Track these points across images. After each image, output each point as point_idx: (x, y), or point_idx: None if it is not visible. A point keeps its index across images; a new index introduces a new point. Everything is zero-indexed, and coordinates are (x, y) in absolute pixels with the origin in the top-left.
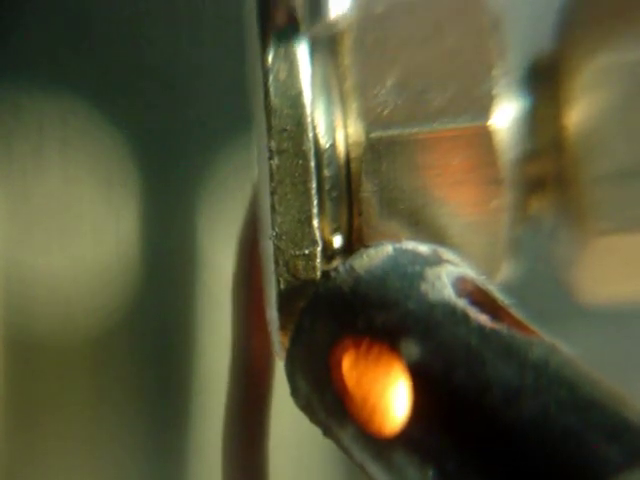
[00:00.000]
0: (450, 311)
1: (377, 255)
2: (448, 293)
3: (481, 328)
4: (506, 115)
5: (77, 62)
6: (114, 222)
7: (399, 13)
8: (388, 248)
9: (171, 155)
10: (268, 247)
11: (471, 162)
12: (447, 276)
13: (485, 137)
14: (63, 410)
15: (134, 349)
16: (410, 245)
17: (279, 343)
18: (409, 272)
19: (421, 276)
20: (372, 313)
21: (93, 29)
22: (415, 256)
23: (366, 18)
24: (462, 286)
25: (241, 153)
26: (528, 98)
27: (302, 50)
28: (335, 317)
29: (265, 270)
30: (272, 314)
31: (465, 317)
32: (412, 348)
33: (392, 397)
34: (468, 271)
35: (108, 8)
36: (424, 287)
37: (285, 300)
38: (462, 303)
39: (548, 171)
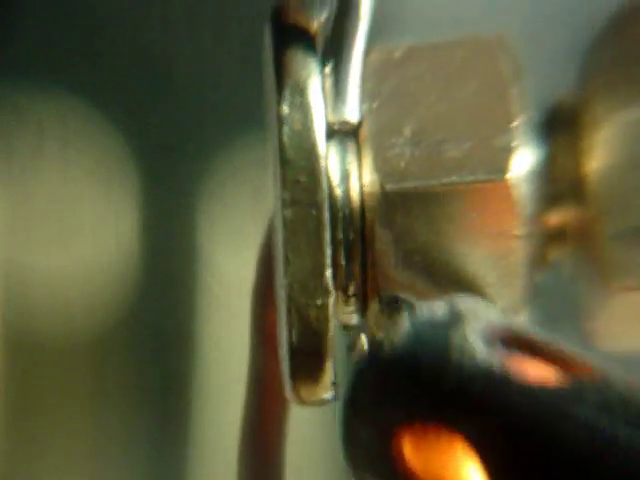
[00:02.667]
0: (489, 376)
1: (396, 336)
2: (480, 354)
3: (525, 387)
4: (525, 167)
5: (77, 62)
6: (114, 222)
7: (418, 58)
8: (405, 325)
9: (171, 155)
10: (280, 296)
11: (489, 215)
12: (473, 334)
13: (504, 190)
14: (63, 410)
15: (134, 349)
16: (425, 312)
17: (290, 390)
18: (435, 346)
19: (448, 346)
20: (414, 398)
21: (93, 29)
22: (434, 326)
23: (384, 63)
24: (491, 336)
25: (241, 153)
26: (547, 148)
27: (318, 101)
28: (379, 406)
29: (278, 318)
30: (284, 362)
31: (506, 379)
32: (467, 425)
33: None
34: (490, 314)
35: (108, 8)
36: (455, 357)
37: (297, 349)
38: (497, 362)
39: (568, 222)
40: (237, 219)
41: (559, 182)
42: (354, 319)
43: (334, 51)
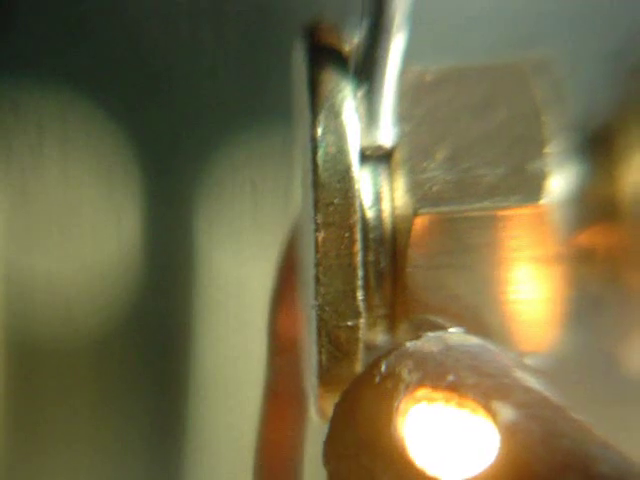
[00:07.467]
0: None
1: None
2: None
3: None
4: (558, 191)
5: (77, 60)
6: (114, 222)
7: (451, 81)
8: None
9: (171, 154)
10: (311, 316)
11: (522, 241)
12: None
13: (537, 215)
14: (64, 412)
15: (134, 350)
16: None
17: (317, 409)
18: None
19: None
20: (463, 374)
21: (93, 27)
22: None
23: (417, 86)
24: None
25: (240, 152)
26: (581, 171)
27: (353, 124)
28: (420, 367)
29: (307, 338)
30: (312, 382)
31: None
32: (506, 411)
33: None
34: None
35: (108, 7)
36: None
37: (326, 370)
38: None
39: (600, 244)
40: (236, 219)
41: (593, 206)
42: (379, 339)
43: (366, 73)
